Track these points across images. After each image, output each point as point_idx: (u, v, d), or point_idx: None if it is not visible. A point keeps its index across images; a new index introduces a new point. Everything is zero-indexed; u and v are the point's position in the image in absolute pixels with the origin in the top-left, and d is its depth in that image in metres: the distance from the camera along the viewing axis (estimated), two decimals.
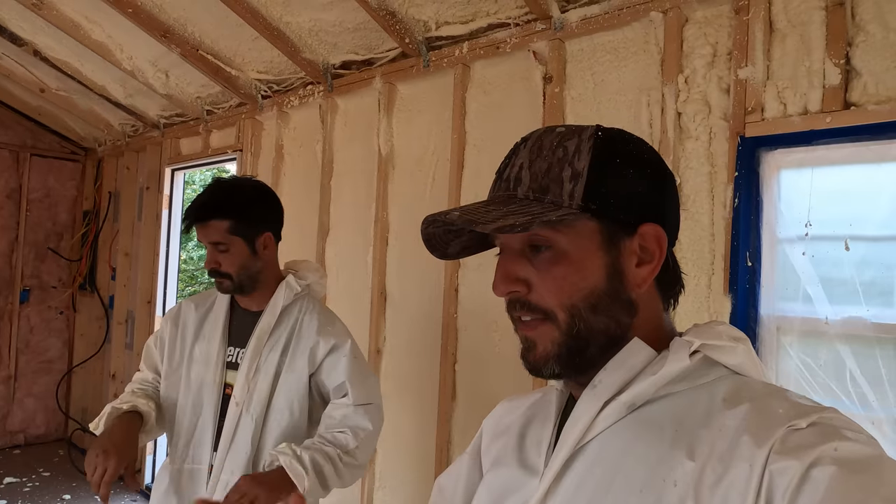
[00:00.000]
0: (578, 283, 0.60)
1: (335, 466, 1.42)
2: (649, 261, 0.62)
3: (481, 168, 2.16)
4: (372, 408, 1.56)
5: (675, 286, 0.67)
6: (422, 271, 2.32)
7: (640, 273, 0.62)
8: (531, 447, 0.68)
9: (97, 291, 4.58)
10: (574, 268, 0.60)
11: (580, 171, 0.60)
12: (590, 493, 0.58)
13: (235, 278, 1.54)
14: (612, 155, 0.62)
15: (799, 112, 1.46)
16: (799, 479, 0.47)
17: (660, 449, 0.56)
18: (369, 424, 1.52)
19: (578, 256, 0.61)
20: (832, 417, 0.53)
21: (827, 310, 1.43)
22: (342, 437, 1.47)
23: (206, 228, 1.52)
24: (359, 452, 1.48)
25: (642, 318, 0.63)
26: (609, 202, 0.60)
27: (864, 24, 1.39)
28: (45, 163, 4.73)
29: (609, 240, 0.61)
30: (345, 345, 1.57)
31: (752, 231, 1.52)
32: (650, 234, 0.62)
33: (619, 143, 0.64)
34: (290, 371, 1.54)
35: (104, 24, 2.92)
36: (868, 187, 1.42)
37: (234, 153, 3.26)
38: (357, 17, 2.31)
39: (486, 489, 0.69)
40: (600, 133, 0.63)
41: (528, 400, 0.76)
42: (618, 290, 0.61)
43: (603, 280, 0.61)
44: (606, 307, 0.61)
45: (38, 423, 4.72)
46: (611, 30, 1.82)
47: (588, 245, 0.61)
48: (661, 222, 0.62)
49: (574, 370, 0.62)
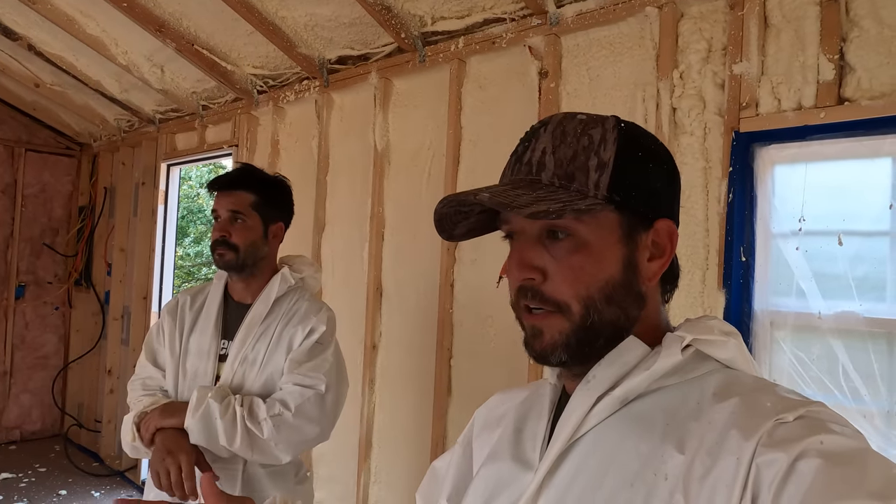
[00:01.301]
0: (597, 274, 0.61)
1: (229, 424, 1.40)
2: (660, 256, 0.64)
3: (477, 163, 2.16)
4: (315, 391, 1.48)
5: (674, 281, 0.69)
6: (417, 267, 2.33)
7: (652, 267, 0.63)
8: (527, 441, 0.69)
9: (93, 287, 4.57)
10: (594, 258, 0.61)
11: (606, 161, 0.61)
12: (582, 487, 0.59)
13: (241, 253, 1.56)
14: (635, 148, 0.62)
15: (793, 107, 1.46)
16: (785, 471, 0.48)
17: (651, 442, 0.57)
18: (290, 407, 1.44)
19: (598, 247, 0.61)
20: (819, 411, 0.53)
21: (820, 304, 1.43)
22: (258, 403, 1.44)
23: (232, 196, 1.57)
24: (265, 426, 1.41)
25: (647, 311, 0.64)
26: (632, 195, 0.61)
27: (858, 20, 1.39)
28: (41, 158, 4.72)
29: (628, 232, 0.62)
30: (319, 330, 1.57)
31: (746, 226, 1.53)
32: (664, 230, 0.63)
33: (641, 137, 0.65)
34: (270, 361, 1.55)
35: (99, 18, 2.91)
36: (861, 182, 1.43)
37: (229, 148, 3.25)
38: (353, 11, 2.30)
39: (482, 482, 0.70)
40: (622, 125, 0.64)
41: (521, 393, 0.76)
42: (631, 282, 0.62)
43: (619, 272, 0.61)
44: (620, 299, 0.61)
45: (33, 419, 4.72)
46: (606, 25, 1.82)
47: (608, 236, 0.61)
48: (674, 218, 0.65)
49: (581, 359, 0.62)
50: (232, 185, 1.59)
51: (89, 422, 4.59)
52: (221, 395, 1.44)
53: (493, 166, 2.10)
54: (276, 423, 1.42)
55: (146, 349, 1.70)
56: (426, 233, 2.28)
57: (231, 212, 1.57)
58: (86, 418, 4.63)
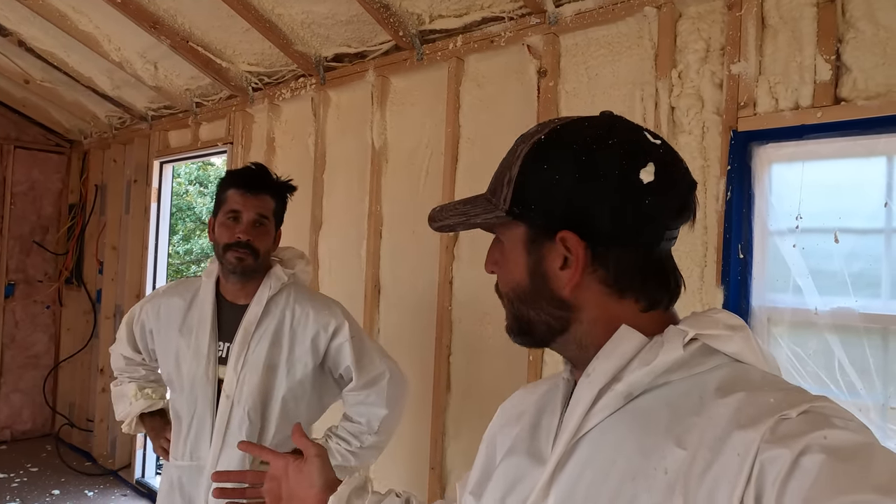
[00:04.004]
0: (508, 277, 0.68)
1: (356, 456, 1.57)
2: (569, 266, 0.63)
3: (475, 161, 2.17)
4: (381, 384, 1.60)
5: (660, 287, 0.66)
6: (416, 264, 2.33)
7: (564, 275, 0.63)
8: (542, 436, 0.70)
9: (84, 285, 4.53)
10: (508, 264, 0.68)
11: (513, 176, 0.65)
12: (590, 481, 0.60)
13: (260, 258, 1.55)
14: (542, 161, 0.63)
15: (790, 107, 1.49)
16: (788, 467, 0.48)
17: (654, 437, 0.57)
18: (383, 408, 1.59)
19: (510, 254, 0.67)
20: (823, 406, 0.53)
21: (816, 301, 1.46)
22: (357, 429, 1.60)
23: (259, 200, 1.55)
24: (378, 438, 1.61)
25: (591, 314, 0.64)
26: (530, 208, 0.64)
27: (854, 21, 1.41)
28: (30, 155, 4.66)
29: (531, 242, 0.65)
30: (343, 328, 1.58)
31: (744, 224, 1.55)
32: (568, 240, 0.62)
33: (558, 147, 0.63)
34: (290, 363, 1.54)
35: (92, 14, 2.88)
36: (857, 181, 1.46)
37: (224, 146, 3.24)
38: (350, 9, 2.30)
39: (501, 475, 0.71)
40: (546, 137, 0.64)
41: (542, 387, 0.78)
42: (541, 288, 0.65)
43: (525, 278, 0.66)
44: (533, 301, 0.66)
45: (24, 419, 4.68)
46: (605, 24, 1.83)
47: (515, 246, 0.66)
48: (585, 228, 0.62)
49: (534, 343, 0.69)
50: (261, 188, 1.56)
51: (81, 421, 4.55)
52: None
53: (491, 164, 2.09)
54: (382, 431, 1.61)
55: (126, 332, 1.72)
56: (424, 231, 2.28)
57: (258, 215, 1.54)
58: (77, 417, 4.60)
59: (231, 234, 1.51)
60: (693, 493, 0.52)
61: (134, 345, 1.69)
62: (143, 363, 1.72)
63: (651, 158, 0.62)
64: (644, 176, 0.61)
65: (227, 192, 1.54)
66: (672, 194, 0.63)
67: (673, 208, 0.64)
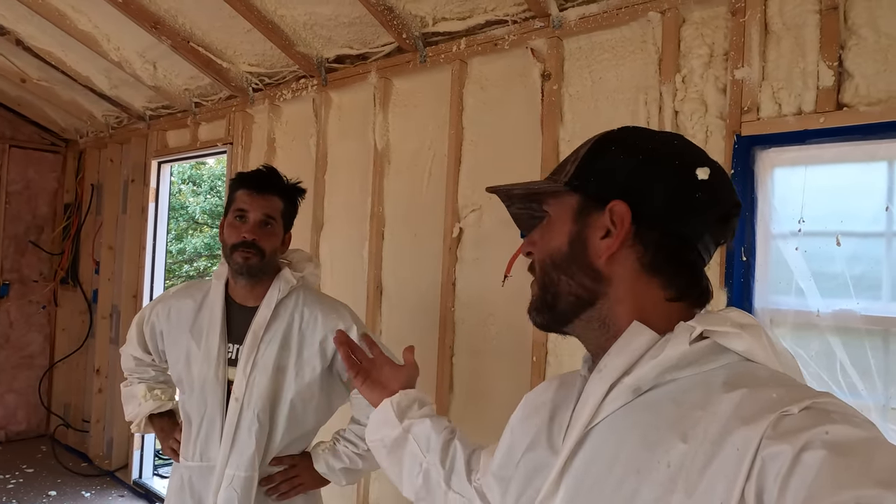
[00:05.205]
0: (549, 242, 0.72)
1: (364, 458, 1.59)
2: (612, 235, 0.67)
3: (478, 164, 2.18)
4: None
5: (682, 278, 0.67)
6: (418, 266, 2.35)
7: (603, 244, 0.67)
8: (557, 429, 0.73)
9: (80, 285, 4.51)
10: (551, 231, 0.72)
11: (580, 155, 0.72)
12: (597, 472, 0.62)
13: (266, 259, 1.54)
14: (608, 143, 0.71)
15: (793, 112, 1.51)
16: (790, 463, 0.48)
17: (660, 432, 0.59)
18: None
19: (556, 222, 0.72)
20: (826, 402, 0.53)
21: (818, 303, 1.48)
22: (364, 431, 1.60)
23: (266, 200, 1.55)
24: None
25: (619, 292, 0.67)
26: (589, 180, 0.69)
27: (856, 28, 1.44)
28: (25, 154, 4.63)
29: (580, 212, 0.70)
30: (351, 331, 1.58)
31: (747, 227, 1.57)
32: (616, 211, 0.67)
33: (624, 133, 0.72)
34: (299, 366, 1.55)
35: (91, 13, 2.87)
36: (859, 185, 1.48)
37: (223, 146, 3.24)
38: (353, 11, 2.31)
39: (523, 467, 0.74)
40: (619, 130, 0.73)
41: (561, 382, 0.80)
42: (578, 254, 0.69)
43: (565, 244, 0.70)
44: (566, 268, 0.69)
45: (19, 420, 4.65)
46: (609, 29, 1.85)
47: (563, 214, 0.71)
48: (637, 202, 0.66)
49: (552, 322, 0.72)
50: (269, 188, 1.56)
51: (77, 422, 4.53)
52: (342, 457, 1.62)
53: (495, 166, 2.14)
54: None
55: (136, 334, 1.72)
56: (427, 232, 2.30)
57: (265, 215, 1.54)
58: (73, 418, 4.58)
59: (237, 234, 1.52)
60: (694, 487, 0.53)
61: (144, 346, 1.69)
62: (152, 364, 1.72)
63: (708, 164, 0.69)
64: (700, 173, 0.67)
65: (236, 193, 1.56)
66: (720, 199, 0.69)
67: (718, 213, 0.69)
